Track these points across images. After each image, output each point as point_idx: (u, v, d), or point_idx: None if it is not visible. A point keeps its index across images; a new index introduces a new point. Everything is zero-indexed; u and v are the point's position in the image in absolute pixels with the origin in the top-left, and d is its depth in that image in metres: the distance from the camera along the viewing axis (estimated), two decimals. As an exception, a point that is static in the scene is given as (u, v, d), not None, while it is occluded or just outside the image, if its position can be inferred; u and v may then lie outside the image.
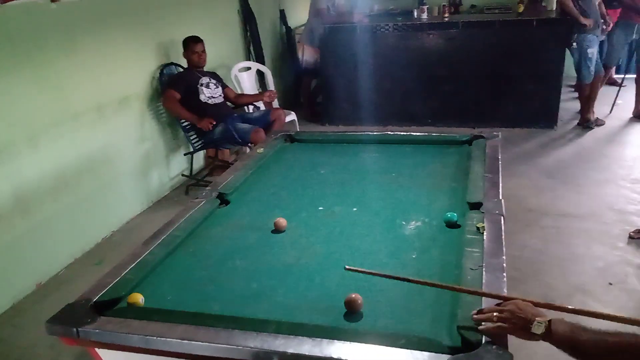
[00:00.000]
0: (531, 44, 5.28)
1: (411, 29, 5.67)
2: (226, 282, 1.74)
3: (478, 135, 2.80)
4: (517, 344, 1.30)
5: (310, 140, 3.18)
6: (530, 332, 1.22)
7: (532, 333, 1.22)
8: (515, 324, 1.25)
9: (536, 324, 1.22)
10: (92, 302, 1.57)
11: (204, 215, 2.18)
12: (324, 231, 2.06)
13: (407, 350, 1.29)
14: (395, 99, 5.81)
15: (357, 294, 1.52)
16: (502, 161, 2.47)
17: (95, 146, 3.72)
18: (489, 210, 1.95)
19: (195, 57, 4.30)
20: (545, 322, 1.21)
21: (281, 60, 6.80)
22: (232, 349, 1.36)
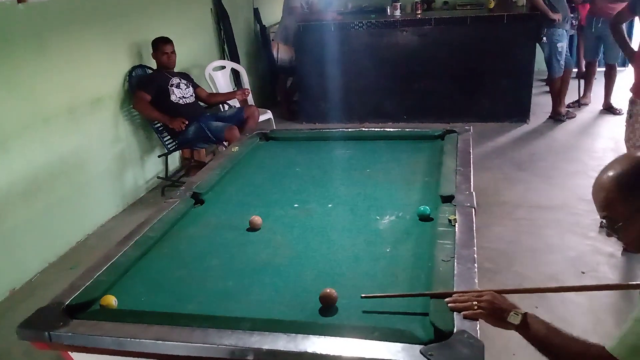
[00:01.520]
0: (502, 40, 5.35)
1: (385, 26, 5.70)
2: (201, 282, 1.74)
3: (450, 130, 2.84)
4: (491, 334, 1.34)
5: (285, 138, 3.18)
6: (506, 321, 1.33)
7: (507, 322, 1.33)
8: (493, 311, 1.36)
9: (513, 315, 1.33)
10: (64, 305, 1.56)
11: (178, 215, 2.17)
12: (300, 228, 2.07)
13: (381, 342, 1.30)
14: (370, 96, 5.84)
15: (331, 289, 1.53)
16: (476, 155, 2.52)
17: (68, 149, 3.67)
18: (460, 203, 1.98)
19: (165, 58, 4.26)
20: (522, 314, 1.32)
21: (256, 59, 6.78)
22: (207, 348, 1.37)
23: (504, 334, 2.53)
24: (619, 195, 1.21)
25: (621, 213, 1.23)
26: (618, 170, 1.24)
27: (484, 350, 1.24)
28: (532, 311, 1.37)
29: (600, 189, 1.26)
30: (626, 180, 1.21)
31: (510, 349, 2.46)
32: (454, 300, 1.42)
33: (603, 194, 1.24)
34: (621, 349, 1.15)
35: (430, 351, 1.24)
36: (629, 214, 1.22)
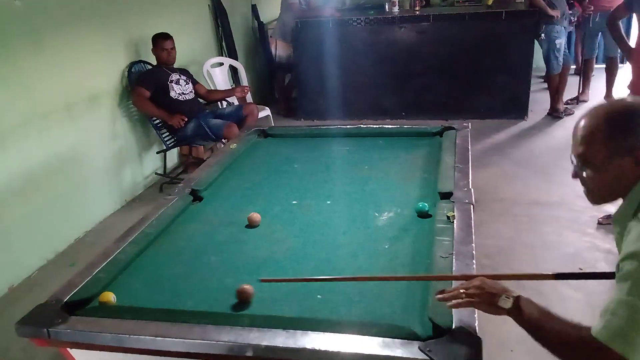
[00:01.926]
0: (501, 36, 5.35)
1: (383, 22, 5.69)
2: (200, 278, 1.74)
3: (448, 126, 2.84)
4: (489, 330, 1.34)
5: (283, 135, 3.18)
6: (497, 306, 1.25)
7: (498, 307, 1.24)
8: (482, 297, 1.27)
9: (503, 298, 1.24)
10: (63, 302, 1.56)
11: (176, 212, 2.17)
12: (298, 225, 2.07)
13: (379, 338, 1.31)
14: (368, 93, 5.84)
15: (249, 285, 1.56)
16: (474, 152, 2.52)
17: (65, 146, 3.66)
18: (459, 200, 1.98)
19: (165, 54, 4.25)
20: (513, 297, 1.24)
21: (254, 56, 6.76)
22: (206, 344, 1.37)
23: (502, 330, 2.54)
24: (602, 132, 1.18)
25: (598, 153, 1.19)
26: (610, 108, 1.21)
27: (482, 346, 1.24)
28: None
29: (586, 123, 1.21)
30: (614, 118, 1.18)
31: (509, 345, 2.47)
32: (442, 291, 1.35)
33: (588, 128, 1.20)
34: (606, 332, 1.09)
35: (429, 347, 1.24)
36: (606, 157, 1.18)
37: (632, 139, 1.16)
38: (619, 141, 1.16)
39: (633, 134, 1.16)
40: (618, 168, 1.18)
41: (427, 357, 1.22)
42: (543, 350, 1.29)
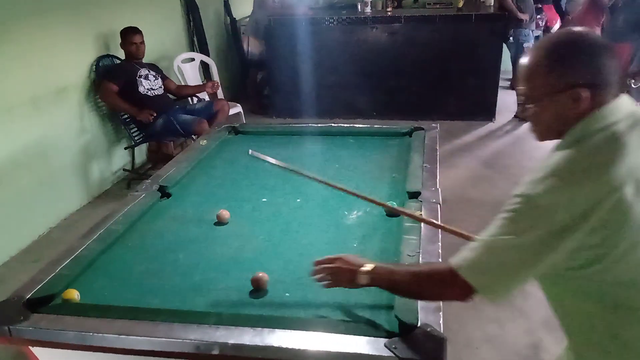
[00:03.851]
0: (470, 39, 5.43)
1: (355, 22, 5.72)
2: (167, 276, 1.72)
3: (418, 127, 2.87)
4: (455, 328, 1.36)
5: (254, 132, 3.17)
6: (356, 282, 1.35)
7: (357, 283, 1.35)
8: (343, 276, 1.38)
9: (360, 275, 1.33)
10: (25, 299, 1.53)
11: (143, 208, 2.14)
12: (268, 223, 2.06)
13: (346, 335, 1.32)
14: (341, 93, 5.86)
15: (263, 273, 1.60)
16: (442, 153, 2.55)
17: (31, 140, 3.58)
18: (426, 199, 2.01)
19: (134, 48, 4.18)
20: (368, 271, 1.33)
21: (226, 52, 6.71)
22: (172, 342, 1.36)
23: (467, 329, 2.59)
24: (542, 66, 1.12)
25: (538, 88, 1.14)
26: (554, 40, 1.15)
27: (446, 343, 1.26)
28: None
29: (530, 58, 1.16)
30: (554, 51, 1.12)
31: (474, 343, 2.52)
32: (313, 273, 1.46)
33: (530, 63, 1.15)
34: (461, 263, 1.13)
35: (394, 344, 1.26)
36: (545, 92, 1.12)
37: (571, 74, 1.09)
38: (556, 75, 1.10)
39: (572, 67, 1.09)
40: (558, 104, 1.12)
41: (392, 354, 1.23)
42: (508, 348, 1.33)
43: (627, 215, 1.02)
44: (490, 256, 1.10)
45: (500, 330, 2.59)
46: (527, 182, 1.10)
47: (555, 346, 2.47)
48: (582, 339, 1.20)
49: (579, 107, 1.09)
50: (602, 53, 1.09)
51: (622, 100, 1.11)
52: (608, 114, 1.08)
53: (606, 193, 1.01)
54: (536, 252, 1.06)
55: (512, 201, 1.11)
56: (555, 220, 1.02)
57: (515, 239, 1.06)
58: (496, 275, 1.10)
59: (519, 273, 1.09)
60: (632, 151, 1.05)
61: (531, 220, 1.06)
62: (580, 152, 1.07)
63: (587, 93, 1.08)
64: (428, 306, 1.40)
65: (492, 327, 2.61)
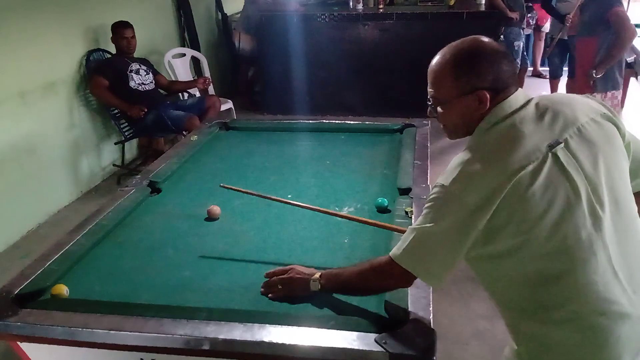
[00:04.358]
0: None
1: (347, 19, 5.72)
2: (157, 272, 1.71)
3: (409, 124, 2.88)
4: (445, 324, 1.37)
5: (245, 128, 3.16)
6: (309, 289, 1.47)
7: (311, 290, 1.47)
8: (297, 285, 1.50)
9: (312, 282, 1.46)
10: (13, 294, 1.51)
11: (133, 204, 2.13)
12: (258, 218, 2.06)
13: (337, 331, 1.32)
14: (332, 90, 5.85)
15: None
16: (433, 150, 2.56)
17: (19, 134, 3.54)
18: (417, 196, 2.02)
19: (125, 42, 4.16)
20: (318, 278, 1.46)
21: (217, 48, 6.69)
22: (161, 338, 1.35)
23: (457, 325, 2.61)
24: (448, 73, 1.24)
25: (446, 93, 1.26)
26: (455, 49, 1.26)
27: (436, 338, 1.27)
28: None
29: (436, 64, 1.28)
30: (459, 59, 1.24)
31: (464, 339, 2.53)
32: (263, 285, 1.57)
33: (436, 70, 1.28)
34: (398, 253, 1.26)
35: (385, 339, 1.26)
36: (453, 96, 1.25)
37: (475, 79, 1.22)
38: (463, 81, 1.22)
39: (476, 73, 1.22)
40: (464, 106, 1.24)
41: (382, 349, 1.24)
42: (497, 344, 1.34)
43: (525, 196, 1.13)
44: (419, 244, 1.23)
45: (490, 326, 2.60)
46: (441, 176, 1.24)
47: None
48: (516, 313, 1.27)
49: (484, 107, 1.23)
50: (501, 59, 1.23)
51: (517, 94, 1.24)
52: (506, 108, 1.22)
53: (505, 177, 1.13)
54: (456, 235, 1.18)
55: (431, 192, 1.25)
56: (465, 203, 1.15)
57: (435, 226, 1.19)
58: (427, 261, 1.23)
59: (447, 257, 1.21)
60: (528, 136, 1.18)
61: (446, 207, 1.19)
62: (483, 143, 1.23)
63: (489, 94, 1.22)
64: (418, 302, 1.41)
65: (482, 323, 2.63)
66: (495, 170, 1.15)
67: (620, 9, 3.21)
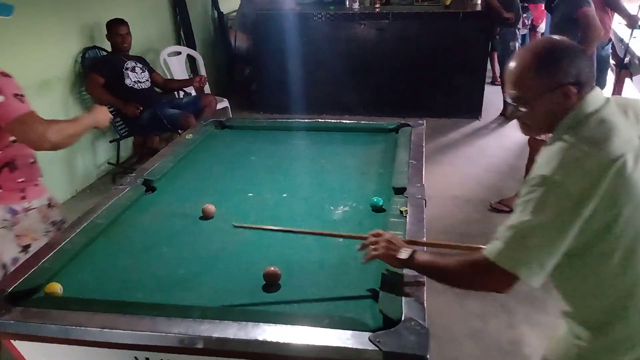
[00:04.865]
0: (457, 37, 5.46)
1: (343, 18, 5.72)
2: (151, 270, 1.71)
3: (404, 123, 2.88)
4: (439, 323, 1.37)
5: (241, 126, 3.16)
6: (396, 257, 1.46)
7: (397, 258, 1.46)
8: (387, 250, 1.50)
9: (402, 251, 1.47)
10: (7, 292, 1.51)
11: (128, 202, 2.13)
12: (253, 217, 2.05)
13: (331, 329, 1.32)
14: (328, 89, 5.86)
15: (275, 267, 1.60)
16: (429, 150, 2.56)
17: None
18: (412, 195, 2.02)
19: (120, 39, 4.15)
20: (410, 251, 1.46)
21: (213, 46, 6.67)
22: (155, 336, 1.35)
23: (452, 324, 2.61)
24: (532, 71, 1.27)
25: (531, 90, 1.28)
26: (535, 48, 1.30)
27: (429, 336, 1.27)
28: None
29: (515, 66, 1.31)
30: (541, 57, 1.27)
31: (458, 338, 2.54)
32: (362, 246, 1.58)
33: (517, 70, 1.30)
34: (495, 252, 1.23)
35: (379, 338, 1.26)
36: (538, 93, 1.27)
37: (559, 74, 1.25)
38: (547, 77, 1.26)
39: (559, 69, 1.25)
40: (549, 102, 1.27)
41: (376, 348, 1.24)
42: (491, 344, 1.35)
43: (630, 180, 1.17)
44: (520, 241, 1.20)
45: (484, 325, 2.61)
46: (536, 170, 1.21)
47: (537, 341, 2.50)
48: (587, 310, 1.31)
49: (569, 102, 1.25)
50: (581, 54, 1.28)
51: (597, 91, 1.28)
52: (591, 103, 1.25)
53: (609, 162, 1.16)
54: (561, 226, 1.17)
55: (527, 187, 1.21)
56: (570, 190, 1.15)
57: (537, 218, 1.17)
58: (530, 259, 1.19)
59: (551, 251, 1.19)
60: (621, 127, 1.22)
61: (549, 197, 1.17)
62: (578, 135, 1.22)
63: (574, 89, 1.24)
64: (412, 301, 1.41)
65: (476, 322, 2.64)
66: (597, 156, 1.17)
67: (588, 9, 3.33)
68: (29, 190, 2.09)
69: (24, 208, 2.06)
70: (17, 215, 2.04)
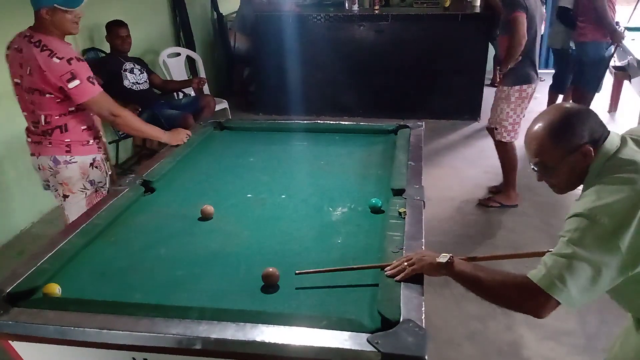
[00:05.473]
0: (456, 38, 5.46)
1: (342, 20, 5.73)
2: (149, 271, 1.71)
3: (403, 125, 2.88)
4: (437, 325, 1.37)
5: (239, 128, 3.16)
6: (437, 263, 1.49)
7: (438, 263, 1.49)
8: (424, 261, 1.52)
9: (442, 256, 1.50)
10: (5, 293, 1.51)
11: (127, 203, 2.13)
12: (252, 218, 2.06)
13: (329, 330, 1.32)
14: (327, 91, 5.86)
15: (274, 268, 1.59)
16: (427, 151, 2.57)
17: (12, 133, 3.52)
18: (410, 196, 2.02)
19: (119, 41, 4.15)
20: (449, 256, 1.49)
21: (213, 47, 6.68)
22: (153, 337, 1.35)
23: (450, 326, 2.60)
24: (550, 141, 1.40)
25: (552, 158, 1.42)
26: (548, 119, 1.43)
27: (428, 338, 1.27)
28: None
29: (533, 138, 1.44)
30: (555, 127, 1.40)
31: (456, 340, 2.54)
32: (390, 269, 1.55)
33: (536, 141, 1.43)
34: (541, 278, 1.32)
35: (377, 339, 1.26)
36: (559, 158, 1.41)
37: (575, 139, 1.39)
38: (565, 144, 1.39)
39: (574, 134, 1.39)
40: (571, 164, 1.41)
41: (374, 349, 1.24)
42: (490, 346, 1.35)
43: None
44: (564, 268, 1.29)
45: (482, 327, 2.61)
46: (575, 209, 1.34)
47: (535, 343, 2.51)
48: None
49: (590, 158, 1.39)
50: (588, 114, 1.42)
51: (611, 136, 1.42)
52: (609, 149, 1.39)
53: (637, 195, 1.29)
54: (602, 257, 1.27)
55: (568, 223, 1.34)
56: (607, 228, 1.26)
57: (580, 251, 1.28)
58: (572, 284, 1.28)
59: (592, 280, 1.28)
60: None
61: (588, 233, 1.28)
62: (605, 180, 1.35)
63: (591, 147, 1.38)
64: (411, 302, 1.41)
65: (474, 324, 2.64)
66: (627, 193, 1.29)
67: (519, 14, 3.42)
68: (74, 147, 2.51)
69: (66, 160, 2.50)
70: (59, 166, 2.50)
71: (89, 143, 2.56)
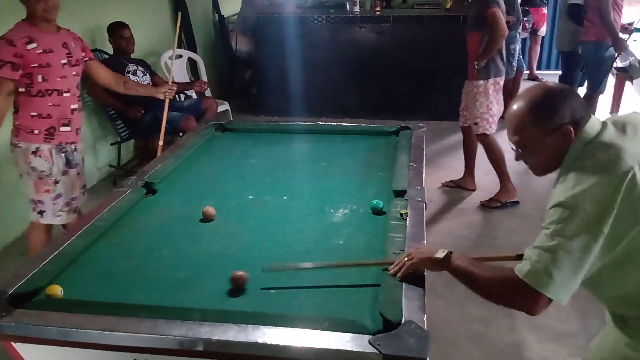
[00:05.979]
0: (458, 40, 5.42)
1: (343, 21, 5.74)
2: (151, 272, 1.72)
3: (405, 126, 2.89)
4: (439, 326, 1.37)
5: (241, 129, 3.17)
6: (435, 258, 1.49)
7: (436, 258, 1.48)
8: (422, 256, 1.52)
9: (440, 251, 1.49)
10: (8, 294, 1.51)
11: (129, 204, 2.13)
12: (254, 220, 2.06)
13: (331, 332, 1.32)
14: (329, 92, 5.86)
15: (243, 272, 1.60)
16: (429, 153, 2.57)
17: (14, 135, 3.53)
18: (412, 198, 2.02)
19: (123, 42, 4.16)
20: (447, 251, 1.49)
21: (214, 49, 6.68)
22: (156, 339, 1.35)
23: (451, 327, 2.60)
24: (530, 119, 1.38)
25: (532, 136, 1.39)
26: (529, 97, 1.40)
27: (430, 340, 1.27)
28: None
29: (514, 115, 1.42)
30: (536, 105, 1.38)
31: (458, 341, 2.54)
32: (395, 265, 1.55)
33: (516, 118, 1.41)
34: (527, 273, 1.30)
35: (379, 341, 1.26)
36: (539, 137, 1.38)
37: (556, 118, 1.36)
38: (545, 123, 1.37)
39: (555, 113, 1.37)
40: (550, 144, 1.38)
41: (376, 351, 1.24)
42: (492, 347, 1.35)
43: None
44: (548, 260, 1.27)
45: (484, 329, 2.61)
46: (555, 198, 1.31)
47: (537, 344, 2.50)
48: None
49: (569, 140, 1.36)
50: (571, 94, 1.40)
51: (592, 119, 1.38)
52: (590, 131, 1.36)
53: (619, 178, 1.26)
54: (583, 246, 1.25)
55: (549, 214, 1.31)
56: (590, 212, 1.25)
57: (563, 240, 1.26)
58: (557, 276, 1.27)
59: (577, 269, 1.27)
60: (623, 144, 1.32)
61: (572, 220, 1.26)
62: (585, 161, 1.33)
63: (571, 127, 1.35)
64: (412, 304, 1.41)
65: (476, 326, 2.64)
66: (608, 177, 1.27)
67: (495, 9, 3.53)
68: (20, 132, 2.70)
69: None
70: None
71: (33, 132, 2.69)
